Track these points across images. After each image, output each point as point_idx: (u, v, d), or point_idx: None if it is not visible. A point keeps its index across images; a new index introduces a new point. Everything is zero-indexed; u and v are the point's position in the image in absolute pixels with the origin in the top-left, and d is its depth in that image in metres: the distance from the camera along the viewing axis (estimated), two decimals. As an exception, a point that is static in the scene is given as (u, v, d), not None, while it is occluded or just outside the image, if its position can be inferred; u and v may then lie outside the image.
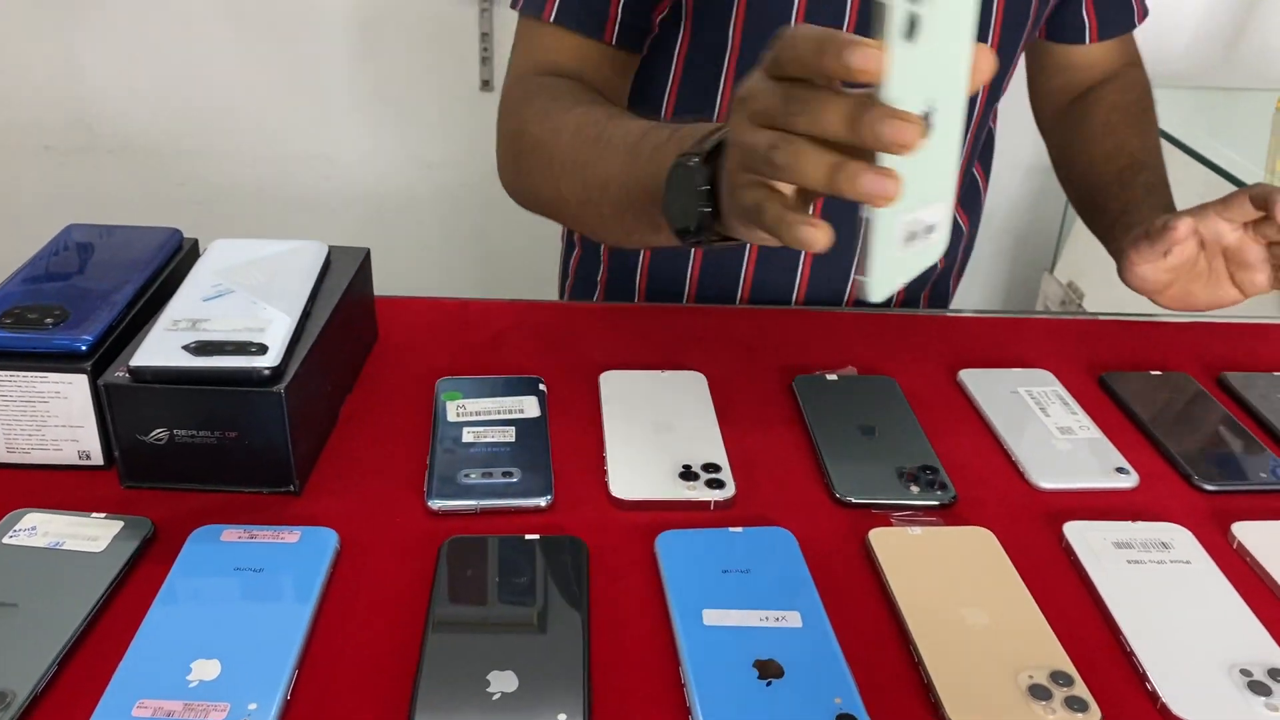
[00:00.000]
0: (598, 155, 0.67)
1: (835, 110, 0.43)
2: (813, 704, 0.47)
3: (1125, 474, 0.65)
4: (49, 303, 0.63)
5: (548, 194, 0.74)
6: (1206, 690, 0.50)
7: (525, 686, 0.47)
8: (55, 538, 0.55)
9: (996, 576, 0.56)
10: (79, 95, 1.89)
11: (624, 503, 0.61)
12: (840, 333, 0.81)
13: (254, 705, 0.46)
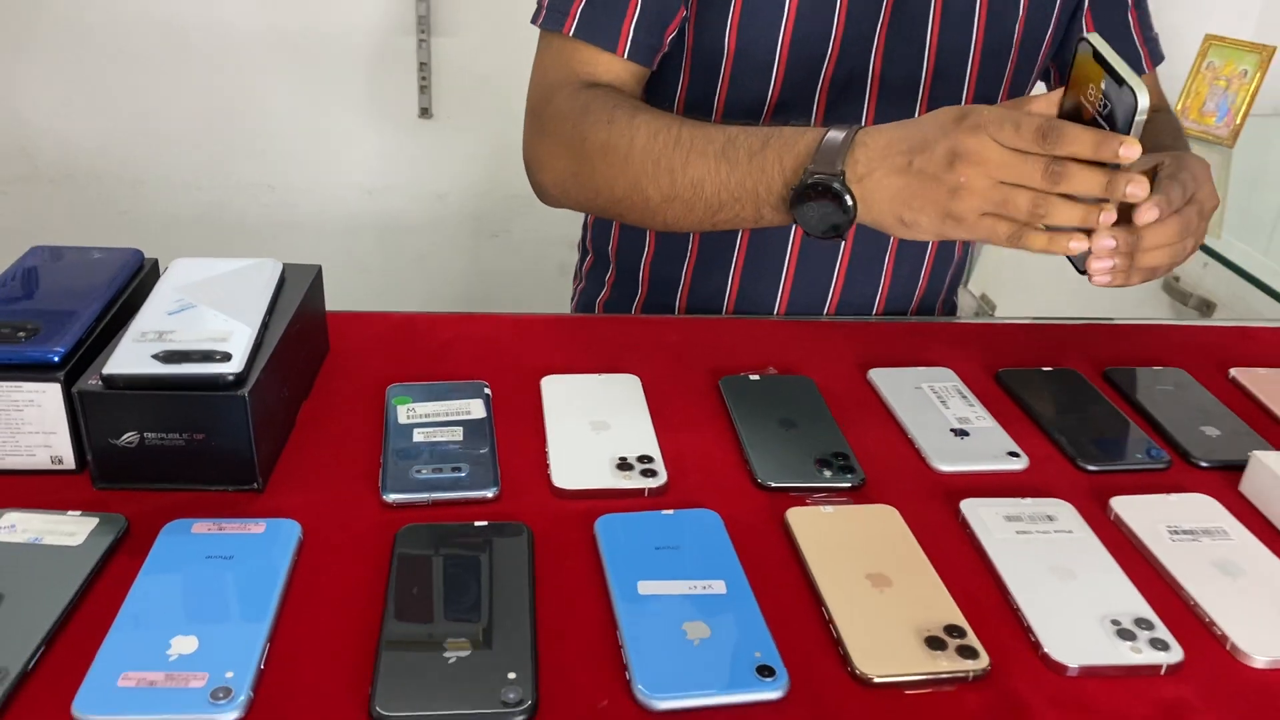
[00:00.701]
0: (682, 158, 0.78)
1: (1095, 177, 0.66)
2: (736, 658, 0.53)
3: (1016, 457, 0.73)
4: (20, 319, 0.67)
5: (619, 190, 0.83)
6: (1081, 638, 0.56)
7: (478, 652, 0.52)
8: (34, 534, 0.59)
9: (899, 547, 0.63)
10: (20, 125, 1.90)
11: (565, 492, 0.66)
12: (763, 338, 0.88)
13: (230, 674, 0.50)
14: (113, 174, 1.96)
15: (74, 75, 1.89)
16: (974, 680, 0.54)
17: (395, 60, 1.95)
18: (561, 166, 0.88)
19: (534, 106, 0.91)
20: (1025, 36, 0.93)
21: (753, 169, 0.77)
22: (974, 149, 0.67)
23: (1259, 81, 1.57)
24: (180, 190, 1.98)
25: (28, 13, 1.86)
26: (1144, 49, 1.00)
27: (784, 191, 0.75)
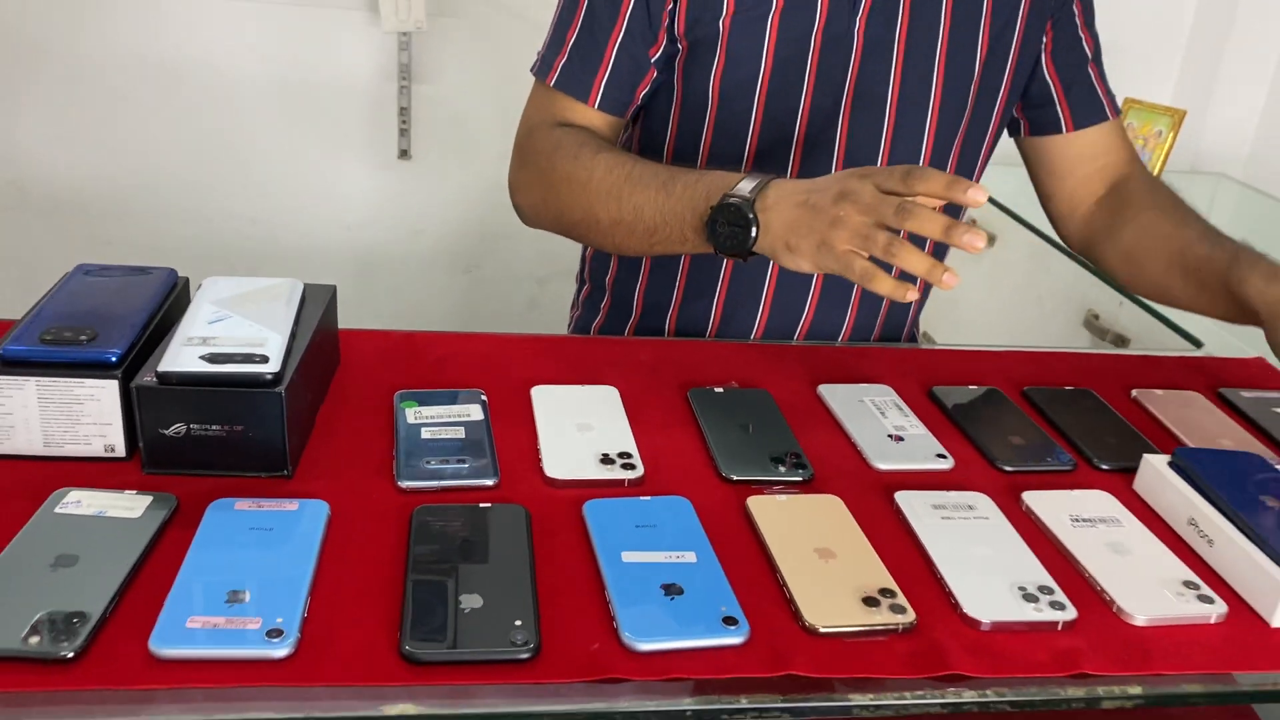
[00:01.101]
0: (630, 189, 0.91)
1: (938, 220, 0.74)
2: (704, 611, 0.63)
3: (944, 458, 0.84)
4: (79, 325, 0.76)
5: (578, 216, 0.97)
6: (993, 600, 0.67)
7: (489, 605, 0.62)
8: (98, 508, 0.68)
9: (842, 528, 0.74)
10: (12, 158, 1.97)
11: (556, 481, 0.76)
12: (726, 359, 0.99)
13: (280, 619, 0.60)
14: (100, 206, 2.04)
15: (67, 111, 1.98)
16: (903, 632, 0.64)
17: (378, 104, 2.06)
18: (535, 193, 1.01)
19: (518, 141, 1.05)
20: (980, 91, 1.05)
21: (684, 198, 0.88)
22: (856, 190, 0.78)
23: (1172, 141, 1.74)
24: (164, 222, 2.06)
25: (24, 49, 1.95)
26: (1106, 100, 1.10)
27: (706, 214, 0.86)
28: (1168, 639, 0.67)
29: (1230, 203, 2.05)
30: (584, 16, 1.00)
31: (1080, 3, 1.08)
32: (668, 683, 0.60)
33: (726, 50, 0.99)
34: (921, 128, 1.03)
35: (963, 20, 1.01)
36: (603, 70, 1.00)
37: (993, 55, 1.04)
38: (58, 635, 0.57)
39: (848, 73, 1.00)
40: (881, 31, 0.99)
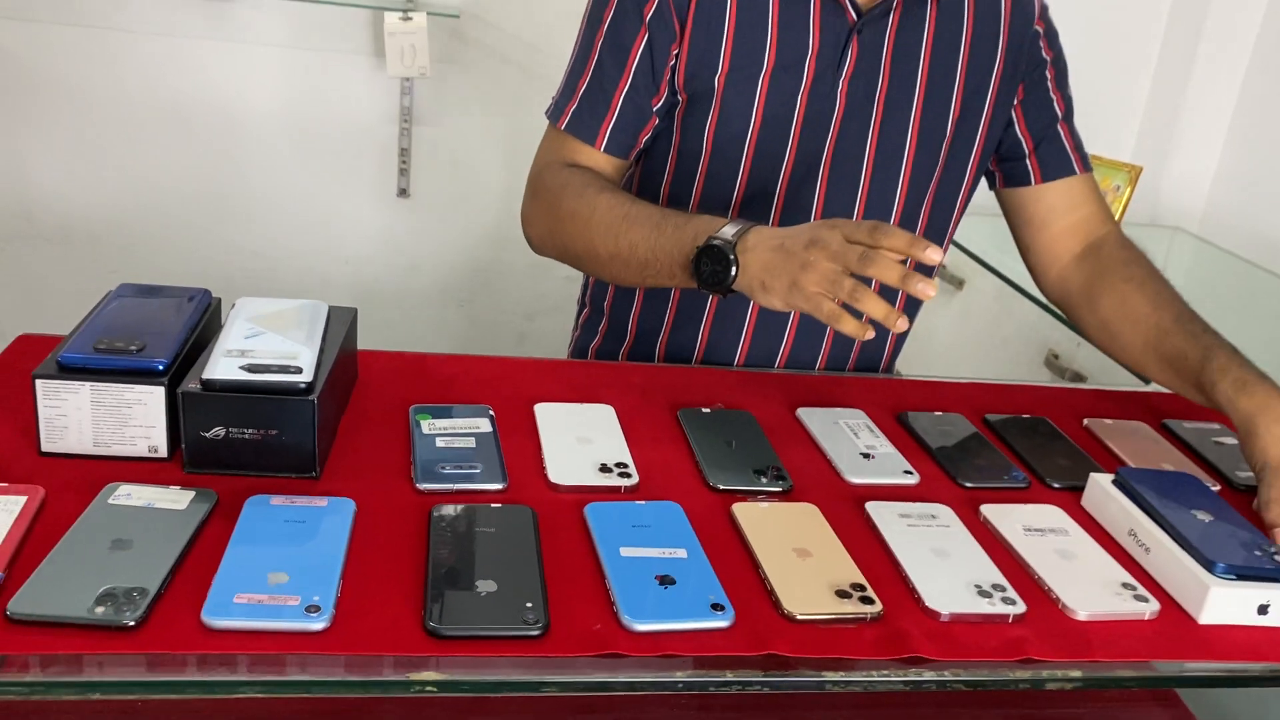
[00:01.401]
0: (627, 226, 1.00)
1: (896, 269, 0.83)
2: (694, 598, 0.71)
3: (910, 475, 0.92)
4: (128, 337, 0.83)
5: (580, 248, 1.07)
6: (951, 594, 0.75)
7: (502, 589, 0.70)
8: (146, 500, 0.75)
9: (818, 532, 0.82)
10: (23, 188, 2.05)
11: (560, 487, 0.84)
12: (713, 384, 1.07)
13: (317, 597, 0.67)
14: (107, 237, 2.11)
15: (77, 143, 2.06)
16: (871, 620, 0.72)
17: (379, 144, 2.15)
18: (544, 225, 1.11)
19: (531, 177, 1.14)
20: (952, 148, 1.14)
21: (674, 237, 0.98)
22: (826, 238, 0.87)
23: (1129, 195, 1.85)
24: (168, 254, 2.13)
25: (42, 83, 2.03)
26: (1075, 156, 1.18)
27: (692, 253, 0.95)
28: (1106, 632, 0.75)
29: (1186, 255, 2.17)
30: (594, 69, 1.09)
31: (1053, 66, 1.18)
32: (661, 659, 0.67)
33: (720, 104, 1.08)
34: (896, 178, 1.13)
35: (938, 84, 1.11)
36: (609, 117, 1.09)
37: (965, 116, 1.13)
38: (120, 606, 0.64)
39: (829, 129, 1.10)
40: (862, 93, 1.09)
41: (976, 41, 1.12)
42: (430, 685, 0.63)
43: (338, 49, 2.09)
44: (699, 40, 1.07)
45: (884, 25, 1.08)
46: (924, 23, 1.10)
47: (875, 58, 1.09)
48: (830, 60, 1.08)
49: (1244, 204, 2.16)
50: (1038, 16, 1.16)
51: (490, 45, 2.13)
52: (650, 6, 1.06)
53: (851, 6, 1.06)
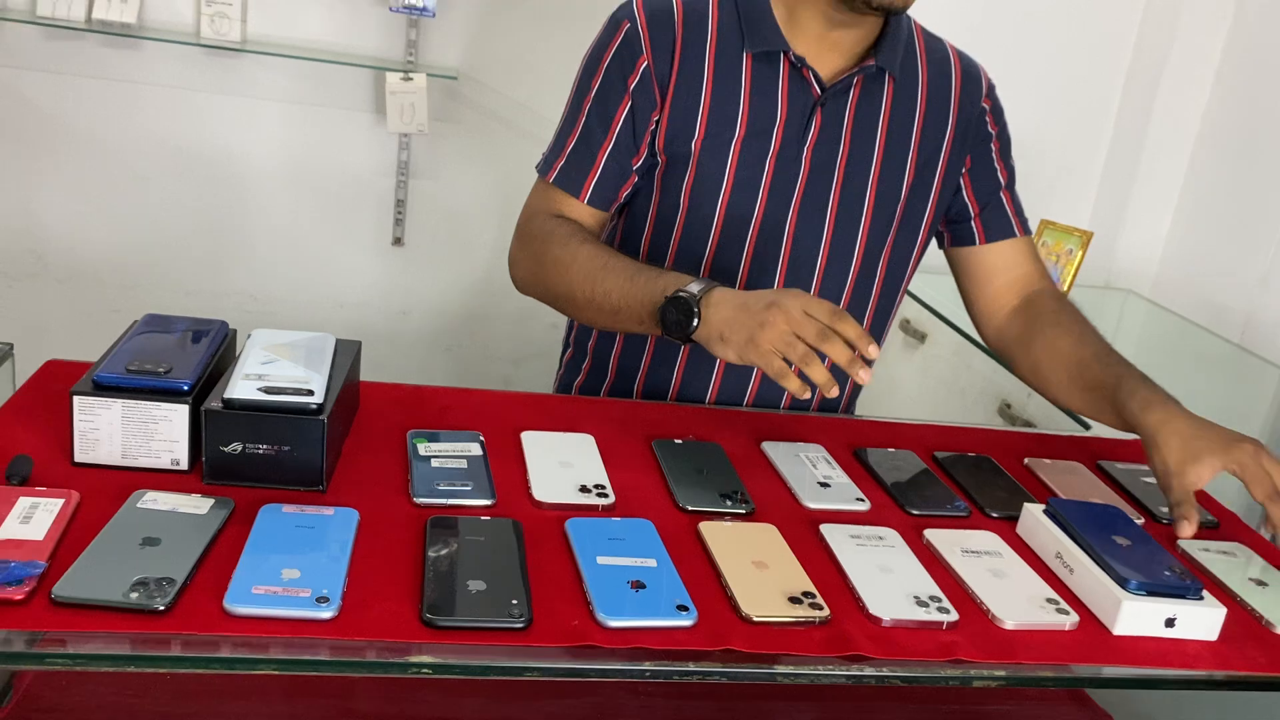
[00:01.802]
0: (604, 275, 1.12)
1: (846, 353, 0.96)
2: (663, 601, 0.80)
3: (862, 502, 1.02)
4: (155, 359, 0.92)
5: (560, 291, 1.18)
6: (893, 603, 0.84)
7: (491, 587, 0.78)
8: (170, 505, 0.83)
9: (776, 548, 0.91)
10: (33, 229, 2.14)
11: (543, 504, 0.93)
12: (685, 418, 1.17)
13: (325, 590, 0.75)
14: (111, 278, 2.20)
15: (86, 187, 2.16)
16: (819, 624, 0.81)
17: (377, 195, 2.26)
18: (529, 268, 1.22)
19: (520, 223, 1.25)
20: (906, 211, 1.25)
21: (645, 288, 1.08)
22: (787, 304, 0.97)
23: (1081, 258, 1.97)
24: (170, 294, 2.22)
25: (55, 129, 2.14)
26: (1016, 221, 1.29)
27: (660, 303, 1.06)
28: (1029, 639, 0.84)
29: (1138, 318, 2.29)
30: (582, 130, 1.21)
31: (997, 139, 1.30)
32: (632, 650, 0.75)
33: (696, 167, 1.19)
34: (854, 238, 1.24)
35: (894, 153, 1.23)
36: (593, 173, 1.20)
37: (918, 183, 1.25)
38: (151, 593, 0.72)
39: (794, 192, 1.21)
40: (824, 160, 1.21)
41: (929, 116, 1.24)
42: (426, 668, 0.72)
43: (341, 105, 2.21)
44: (678, 108, 1.18)
45: (845, 100, 1.20)
46: (881, 98, 1.22)
47: (837, 129, 1.20)
48: (796, 130, 1.19)
49: (1193, 269, 2.29)
50: (985, 95, 1.29)
51: (485, 105, 2.25)
52: (634, 77, 1.18)
53: (816, 82, 1.18)
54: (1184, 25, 2.34)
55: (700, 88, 1.18)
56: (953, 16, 2.32)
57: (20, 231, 2.15)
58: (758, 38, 1.18)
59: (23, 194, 2.14)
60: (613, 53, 1.19)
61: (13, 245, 2.16)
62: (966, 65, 1.29)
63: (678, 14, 1.19)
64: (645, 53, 1.18)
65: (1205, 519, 1.09)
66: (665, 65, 1.18)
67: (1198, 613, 0.87)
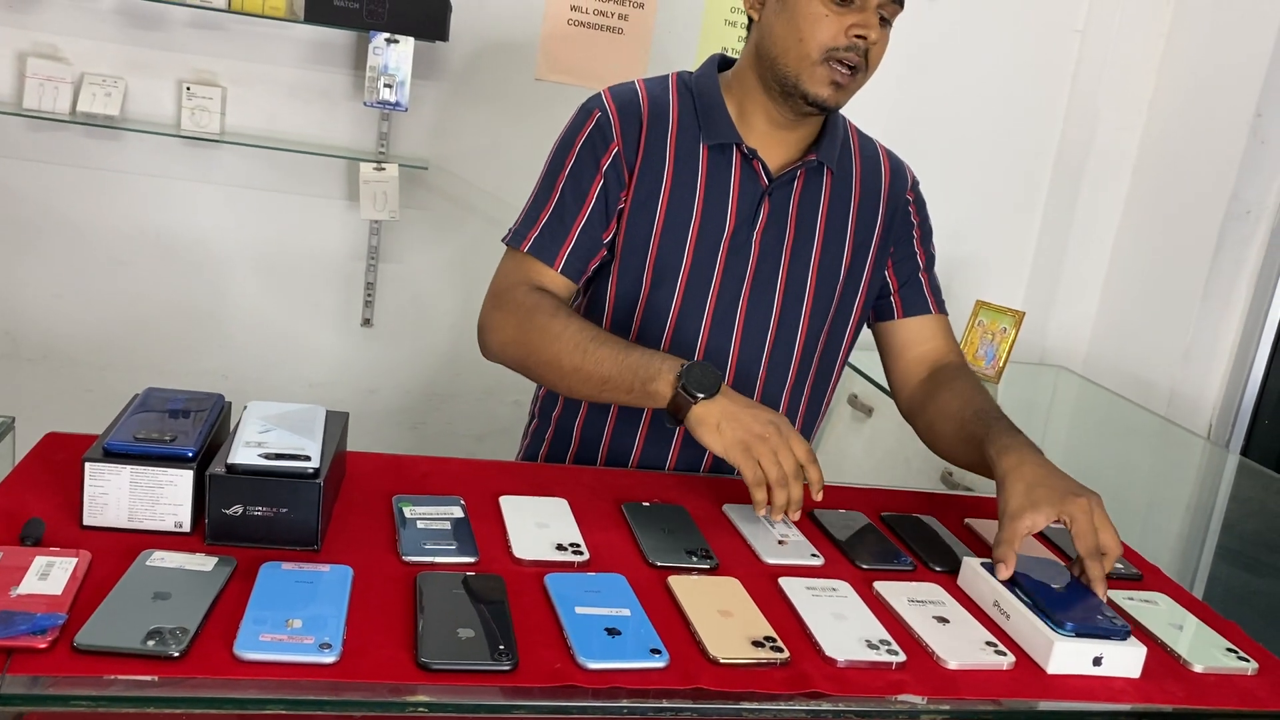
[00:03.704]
0: (596, 345, 1.19)
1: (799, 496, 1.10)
2: (636, 644, 0.87)
3: (817, 558, 1.10)
4: (160, 430, 0.99)
5: (545, 357, 1.23)
6: (846, 646, 0.92)
7: (479, 634, 0.85)
8: (178, 564, 0.89)
9: (739, 598, 0.98)
10: (9, 309, 2.19)
11: (523, 561, 1.00)
12: (650, 484, 1.25)
13: (327, 638, 0.81)
14: (84, 358, 2.25)
15: (63, 270, 2.21)
16: (780, 665, 0.88)
17: (347, 279, 2.34)
18: (508, 333, 1.27)
19: (496, 291, 1.31)
20: (844, 289, 1.36)
21: (643, 360, 1.16)
22: (784, 431, 1.11)
23: (1014, 336, 2.10)
24: (142, 374, 2.26)
25: (34, 212, 2.20)
26: (931, 299, 1.42)
27: (652, 387, 1.14)
28: (971, 678, 0.92)
29: (1071, 392, 2.43)
30: (556, 203, 1.30)
31: (919, 228, 1.44)
32: (610, 689, 0.82)
33: (657, 251, 1.30)
34: (799, 313, 1.35)
35: (833, 237, 1.35)
36: (567, 244, 1.30)
37: (854, 263, 1.37)
38: (166, 640, 0.78)
39: (746, 272, 1.32)
40: (772, 243, 1.32)
41: (862, 206, 1.37)
42: (423, 706, 0.78)
43: (315, 193, 2.31)
44: (641, 193, 1.29)
45: (790, 190, 1.32)
46: (821, 188, 1.34)
47: (783, 215, 1.32)
48: (746, 216, 1.31)
49: (1119, 347, 2.44)
50: (909, 189, 1.43)
51: (453, 193, 2.36)
52: (607, 158, 1.29)
53: (764, 173, 1.30)
54: (1103, 122, 2.54)
55: (661, 175, 1.29)
56: (892, 115, 2.50)
57: (-6, 313, 2.20)
58: (714, 130, 1.30)
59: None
60: (585, 137, 1.30)
61: (-13, 326, 2.20)
62: (894, 163, 1.43)
63: (643, 106, 1.31)
64: (616, 139, 1.29)
65: (1129, 572, 1.19)
66: (632, 153, 1.29)
67: (1122, 651, 0.96)
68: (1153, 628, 1.06)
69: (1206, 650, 1.02)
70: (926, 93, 2.49)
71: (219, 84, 2.23)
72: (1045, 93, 2.60)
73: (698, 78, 1.35)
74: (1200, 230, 2.29)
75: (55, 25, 2.15)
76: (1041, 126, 2.60)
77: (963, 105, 2.53)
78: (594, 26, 2.33)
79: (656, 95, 1.32)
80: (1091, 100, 2.55)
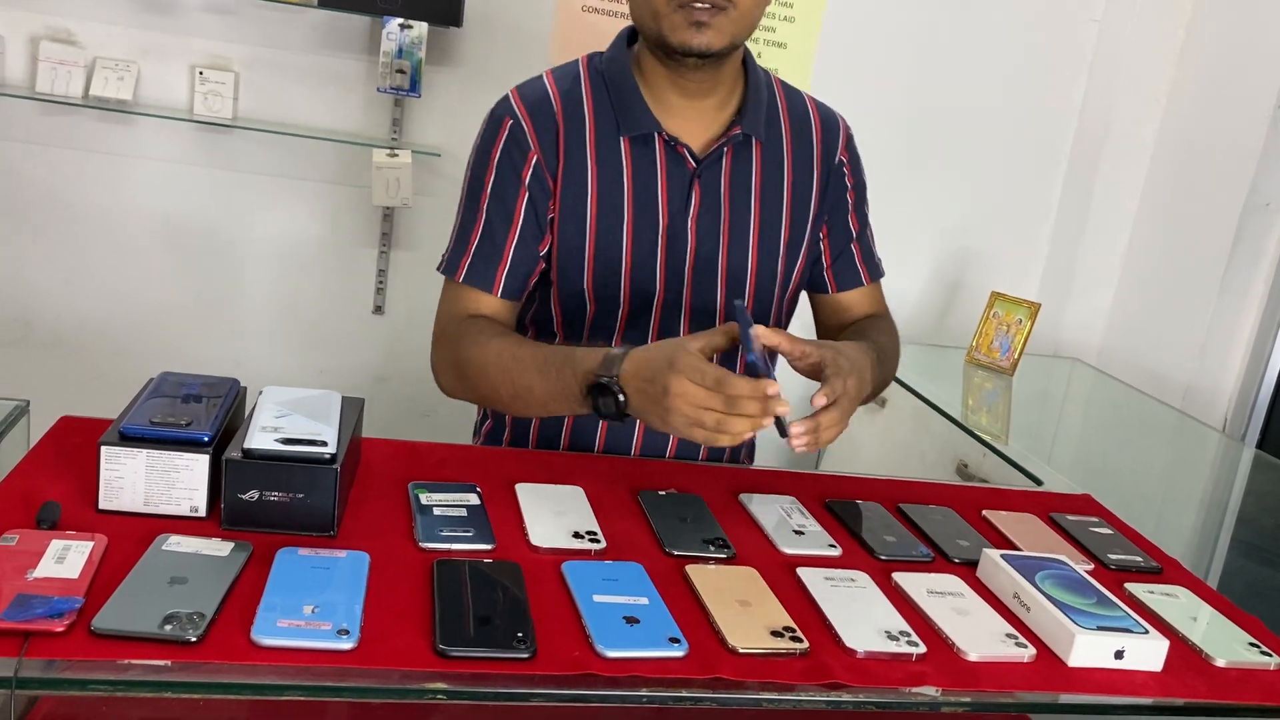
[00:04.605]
0: (519, 371, 1.15)
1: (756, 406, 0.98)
2: (655, 634, 0.86)
3: (834, 548, 1.09)
4: (176, 415, 0.98)
5: (485, 392, 1.21)
6: (866, 637, 0.91)
7: (496, 621, 0.84)
8: (194, 549, 0.89)
9: (757, 588, 0.98)
10: (21, 297, 2.19)
11: (540, 549, 0.99)
12: (668, 472, 1.24)
13: (345, 624, 0.81)
14: (96, 343, 2.24)
15: (76, 256, 2.21)
16: (800, 655, 0.88)
17: (360, 266, 2.34)
18: (451, 374, 1.26)
19: (436, 332, 1.29)
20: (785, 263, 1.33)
21: (559, 380, 1.11)
22: (676, 388, 0.99)
23: (1030, 328, 2.09)
24: (154, 360, 2.24)
25: (43, 199, 2.20)
26: (863, 270, 1.39)
27: (579, 392, 1.09)
28: (992, 670, 0.91)
29: (1085, 384, 2.41)
30: (484, 226, 1.25)
31: (853, 191, 1.39)
32: (629, 679, 0.82)
33: (594, 254, 1.26)
34: (742, 291, 1.32)
35: (769, 211, 1.31)
36: (503, 266, 1.24)
37: (793, 235, 1.34)
38: (183, 625, 0.78)
39: (686, 261, 1.29)
40: (709, 227, 1.29)
41: (796, 171, 1.33)
42: (441, 694, 0.78)
43: (327, 179, 2.30)
44: (568, 197, 1.24)
45: (719, 168, 1.28)
46: (751, 160, 1.30)
47: (715, 197, 1.29)
48: (679, 204, 1.27)
49: (1134, 340, 2.43)
50: (843, 147, 1.37)
51: (465, 180, 2.35)
52: (528, 169, 1.24)
53: (690, 156, 1.27)
54: (1120, 113, 2.52)
55: (586, 177, 1.25)
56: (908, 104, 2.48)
57: (7, 298, 2.20)
58: (631, 121, 1.25)
59: (12, 261, 2.19)
60: (501, 149, 1.24)
61: (1, 311, 2.20)
62: (825, 119, 1.37)
63: (556, 105, 1.25)
64: (533, 146, 1.24)
65: (1149, 565, 1.18)
66: (552, 158, 1.24)
67: (1144, 645, 0.95)
68: (1174, 621, 1.05)
69: (1228, 644, 1.01)
70: (942, 82, 2.47)
71: (232, 69, 2.22)
72: (1062, 83, 2.58)
73: (608, 61, 1.29)
74: (1218, 223, 2.28)
75: (68, 9, 2.14)
76: (1058, 117, 2.58)
77: (979, 95, 2.51)
78: (608, 13, 2.32)
79: (568, 90, 1.27)
80: (1108, 91, 2.53)
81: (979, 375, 2.21)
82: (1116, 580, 1.13)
